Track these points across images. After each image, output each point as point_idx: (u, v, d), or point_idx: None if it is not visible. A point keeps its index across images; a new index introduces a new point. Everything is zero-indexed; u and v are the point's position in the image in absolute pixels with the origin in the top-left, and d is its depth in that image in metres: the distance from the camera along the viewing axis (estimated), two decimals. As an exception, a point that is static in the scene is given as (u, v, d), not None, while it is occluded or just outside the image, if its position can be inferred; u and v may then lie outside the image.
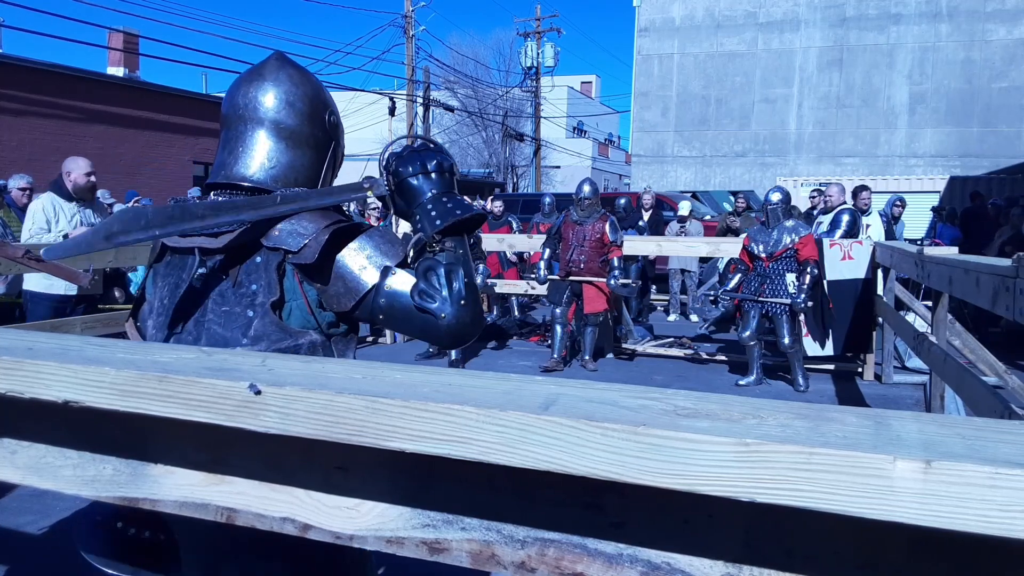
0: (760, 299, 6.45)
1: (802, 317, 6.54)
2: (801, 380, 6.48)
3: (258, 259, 1.55)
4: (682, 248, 8.97)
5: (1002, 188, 14.51)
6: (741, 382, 6.73)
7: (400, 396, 0.83)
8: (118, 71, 18.55)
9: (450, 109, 27.47)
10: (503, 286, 8.90)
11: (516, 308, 9.94)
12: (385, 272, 1.51)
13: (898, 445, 0.65)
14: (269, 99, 1.64)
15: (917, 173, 17.94)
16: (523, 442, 0.76)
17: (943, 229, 10.87)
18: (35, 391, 0.99)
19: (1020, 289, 2.40)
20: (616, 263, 6.99)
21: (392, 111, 21.35)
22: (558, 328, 7.28)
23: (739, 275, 6.66)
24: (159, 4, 42.49)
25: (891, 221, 9.69)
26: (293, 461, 0.97)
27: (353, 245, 1.53)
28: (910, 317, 6.68)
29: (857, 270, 6.82)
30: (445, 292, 1.46)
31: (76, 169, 5.33)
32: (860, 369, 7.13)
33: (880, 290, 6.80)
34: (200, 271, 1.54)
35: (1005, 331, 7.82)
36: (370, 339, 8.58)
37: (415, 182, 1.55)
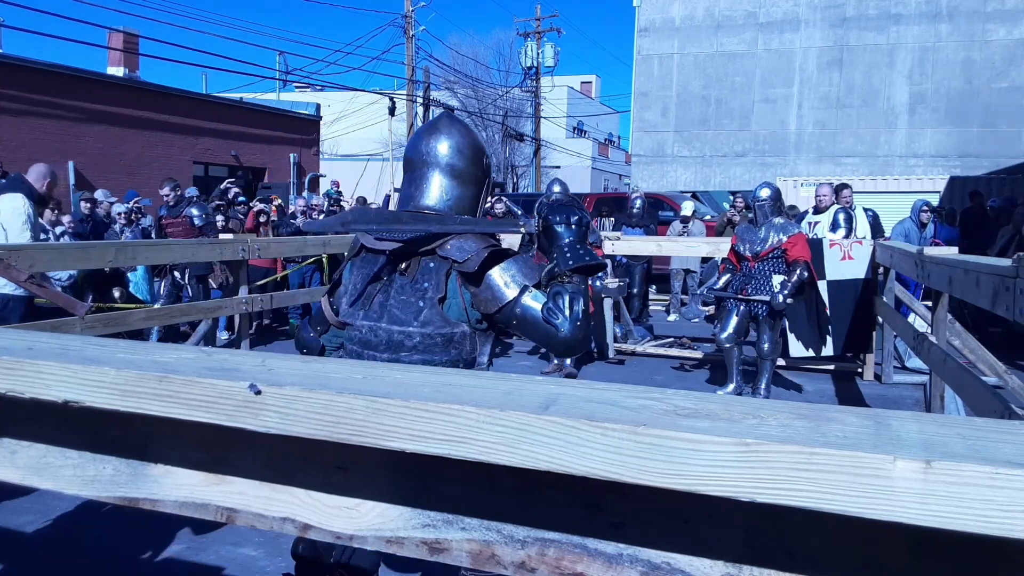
0: (739, 296, 5.99)
1: (786, 323, 6.25)
2: (764, 390, 6.01)
3: (431, 264, 2.07)
4: (682, 248, 8.95)
5: (1002, 188, 14.49)
6: (720, 392, 6.21)
7: (400, 396, 0.83)
8: (118, 71, 18.54)
9: (450, 109, 27.46)
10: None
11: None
12: (524, 290, 2.02)
13: (898, 445, 0.65)
14: (444, 148, 2.17)
15: (917, 173, 17.91)
16: (523, 442, 0.76)
17: (940, 229, 10.84)
18: (35, 391, 0.99)
19: (1020, 289, 2.40)
20: None
21: (392, 111, 21.32)
22: None
23: (727, 275, 6.22)
24: (159, 4, 42.51)
25: (920, 228, 9.60)
26: (293, 461, 0.97)
27: (503, 265, 2.05)
28: (910, 317, 6.68)
29: (857, 270, 6.81)
30: (567, 313, 1.97)
31: (55, 179, 5.48)
32: (860, 369, 7.13)
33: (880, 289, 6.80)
34: (388, 267, 2.10)
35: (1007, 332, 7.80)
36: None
37: (559, 228, 2.12)
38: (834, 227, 7.36)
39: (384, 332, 2.04)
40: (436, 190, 2.14)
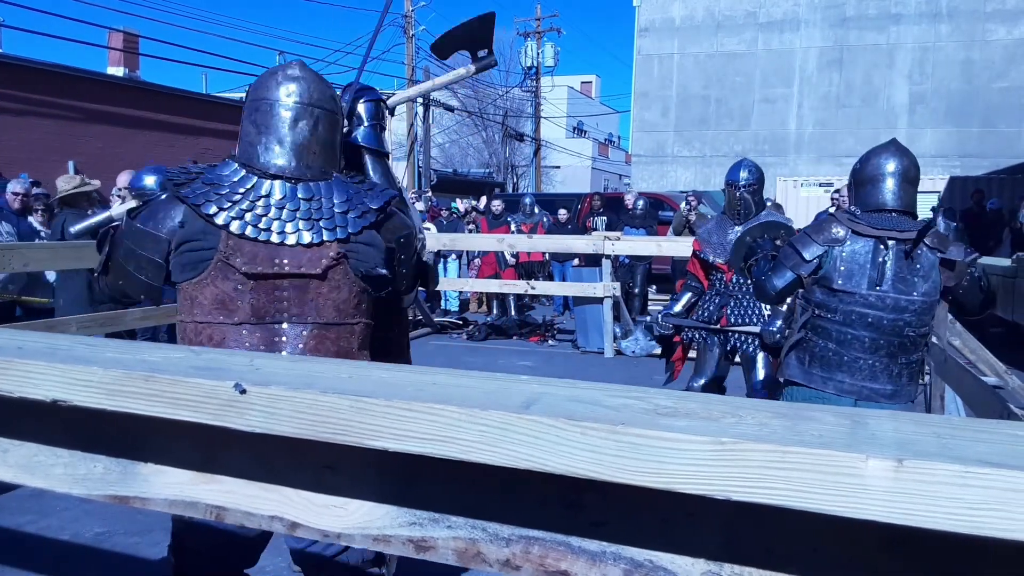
0: (712, 328, 4.31)
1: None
2: None
3: (921, 251, 2.69)
4: (683, 248, 8.95)
5: (1002, 188, 14.48)
6: None
7: (384, 396, 0.83)
8: (118, 71, 18.54)
9: (450, 109, 27.45)
10: (501, 286, 8.90)
11: (513, 308, 9.95)
12: (969, 273, 2.83)
13: (872, 444, 0.65)
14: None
15: (917, 173, 17.90)
16: (504, 441, 0.76)
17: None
18: (25, 390, 1.00)
19: (1020, 289, 2.40)
20: None
21: (392, 111, 21.32)
22: None
23: (688, 294, 4.52)
24: (159, 4, 42.52)
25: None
26: (282, 460, 0.98)
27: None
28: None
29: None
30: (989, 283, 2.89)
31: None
32: (859, 369, 7.11)
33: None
34: (890, 253, 2.73)
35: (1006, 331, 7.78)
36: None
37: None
38: None
39: (891, 299, 2.68)
40: (907, 196, 2.76)
